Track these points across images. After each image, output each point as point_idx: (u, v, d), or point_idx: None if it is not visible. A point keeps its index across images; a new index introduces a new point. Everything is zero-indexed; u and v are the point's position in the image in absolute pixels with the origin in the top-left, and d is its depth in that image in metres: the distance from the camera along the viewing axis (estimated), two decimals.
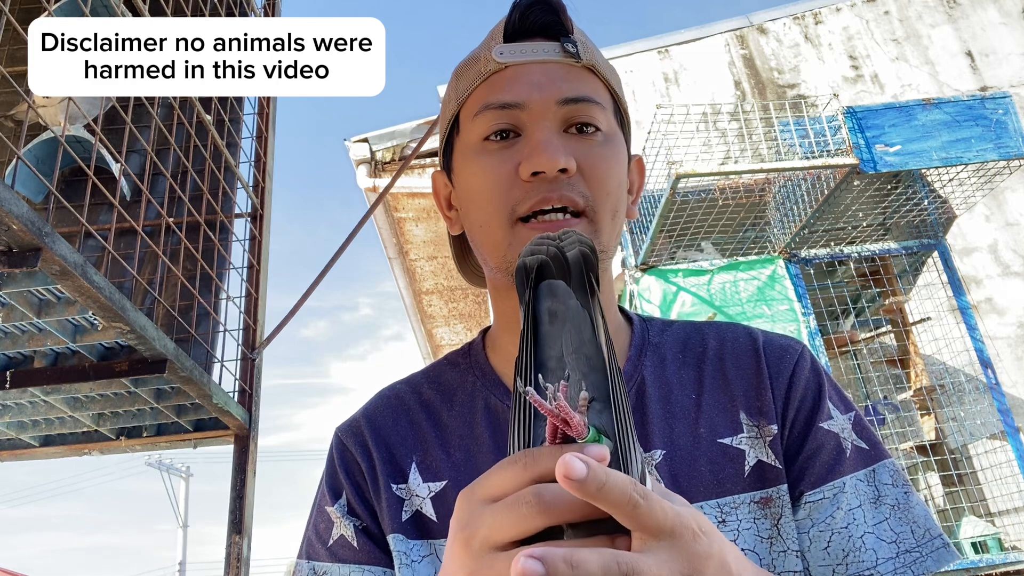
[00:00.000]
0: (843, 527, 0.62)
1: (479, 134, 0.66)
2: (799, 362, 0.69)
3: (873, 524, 0.63)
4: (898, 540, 0.62)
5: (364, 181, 4.47)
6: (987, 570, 3.09)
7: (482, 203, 0.65)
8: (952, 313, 3.60)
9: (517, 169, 0.63)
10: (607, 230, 0.65)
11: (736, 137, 3.66)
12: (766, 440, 0.65)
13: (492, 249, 0.66)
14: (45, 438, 3.02)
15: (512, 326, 0.70)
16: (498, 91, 0.65)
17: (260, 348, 2.90)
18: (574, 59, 0.66)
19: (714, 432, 0.65)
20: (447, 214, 0.74)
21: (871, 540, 0.62)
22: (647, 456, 0.63)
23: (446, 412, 0.70)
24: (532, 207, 0.62)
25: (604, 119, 0.66)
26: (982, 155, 3.15)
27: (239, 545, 2.61)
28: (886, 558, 0.61)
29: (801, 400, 0.67)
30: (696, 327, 0.74)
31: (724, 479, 0.63)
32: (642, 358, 0.70)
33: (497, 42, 0.68)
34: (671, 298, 3.44)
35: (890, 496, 0.64)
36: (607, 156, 0.65)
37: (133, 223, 2.12)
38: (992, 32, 4.78)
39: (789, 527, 0.63)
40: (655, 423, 0.65)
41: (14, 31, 1.54)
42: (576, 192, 0.63)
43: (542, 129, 0.63)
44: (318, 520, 0.71)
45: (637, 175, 0.75)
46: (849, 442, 0.65)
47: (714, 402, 0.66)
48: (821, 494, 0.63)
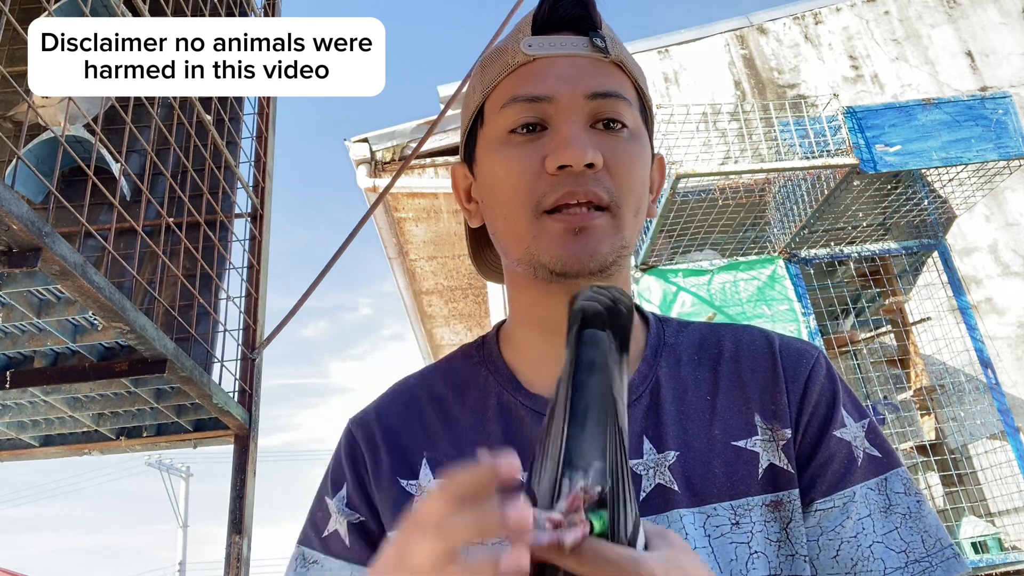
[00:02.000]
0: (852, 536, 0.62)
1: (505, 126, 0.65)
2: (815, 367, 0.68)
3: (883, 534, 0.62)
4: (908, 550, 0.62)
5: (364, 181, 4.47)
6: (987, 570, 3.09)
7: (507, 195, 0.65)
8: (952, 313, 3.60)
9: (543, 162, 0.63)
10: (630, 226, 0.65)
11: (736, 137, 3.66)
12: (779, 444, 0.64)
13: (516, 241, 0.65)
14: (45, 438, 3.02)
15: (528, 319, 0.70)
16: (526, 84, 0.65)
17: (260, 348, 2.90)
18: (603, 54, 0.66)
19: (728, 434, 0.65)
20: (466, 206, 0.74)
21: (880, 550, 0.62)
22: (661, 457, 0.63)
23: (458, 407, 0.70)
24: (558, 201, 0.62)
25: (630, 116, 0.66)
26: (982, 155, 3.15)
27: (239, 545, 2.61)
28: (895, 567, 0.61)
29: (815, 406, 0.66)
30: (712, 328, 0.73)
31: (737, 481, 0.63)
32: (658, 358, 0.69)
33: (525, 34, 0.67)
34: (671, 298, 3.44)
35: (901, 505, 0.64)
36: (632, 153, 0.65)
37: (133, 223, 2.12)
38: (992, 32, 4.78)
39: (799, 531, 0.63)
40: (669, 424, 0.65)
41: (14, 31, 1.54)
42: (601, 187, 0.62)
43: (570, 124, 0.63)
44: (316, 509, 0.71)
45: (658, 173, 0.75)
46: (861, 451, 0.65)
47: (729, 404, 0.66)
48: (831, 503, 0.63)
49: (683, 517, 0.61)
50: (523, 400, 0.68)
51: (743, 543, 0.61)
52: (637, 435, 0.65)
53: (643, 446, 0.64)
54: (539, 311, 0.69)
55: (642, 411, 0.66)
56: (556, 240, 0.62)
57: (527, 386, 0.69)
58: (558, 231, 0.62)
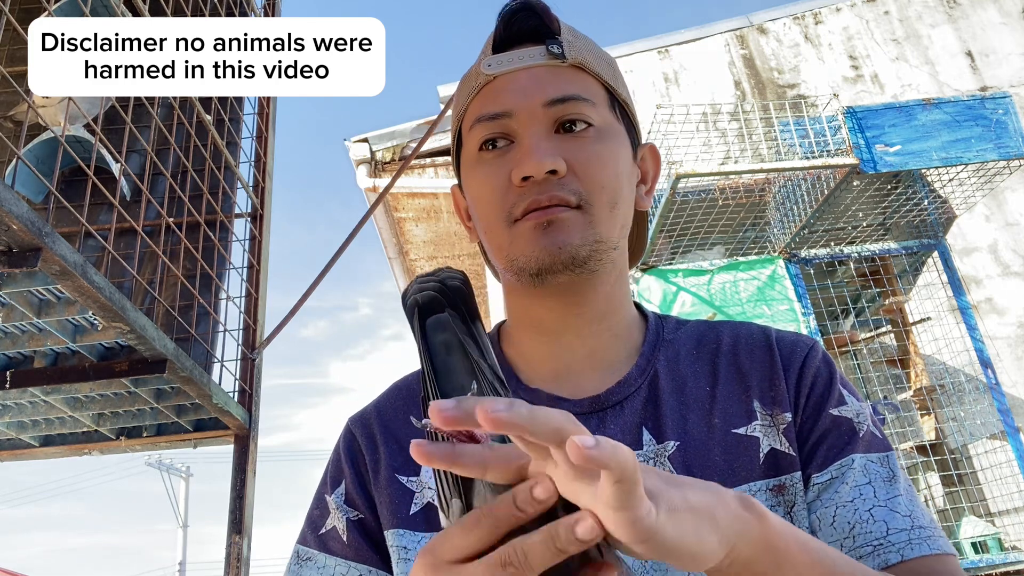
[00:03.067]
0: (848, 501, 0.62)
1: (475, 146, 0.68)
2: (810, 353, 0.70)
3: (886, 499, 0.62)
4: (912, 515, 0.61)
5: (364, 181, 4.47)
6: (987, 570, 3.09)
7: (484, 210, 0.68)
8: (952, 313, 3.60)
9: (510, 175, 0.65)
10: (604, 220, 0.65)
11: (736, 137, 3.66)
12: (780, 428, 0.65)
13: (498, 250, 0.68)
14: (45, 438, 3.02)
15: (522, 322, 0.73)
16: (488, 103, 0.68)
17: (260, 348, 2.90)
18: (559, 59, 0.67)
19: (728, 422, 0.65)
20: (467, 224, 0.77)
21: (881, 512, 0.61)
22: (660, 447, 0.64)
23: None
24: (525, 209, 0.64)
25: (596, 114, 0.67)
26: (982, 155, 3.15)
27: (239, 545, 2.61)
28: (899, 529, 0.60)
29: (812, 386, 0.67)
30: (710, 325, 0.75)
31: (739, 468, 0.63)
32: (656, 352, 0.71)
33: (487, 54, 0.70)
34: (671, 298, 3.44)
35: (905, 481, 0.64)
36: (600, 151, 0.66)
37: (133, 223, 2.12)
38: (992, 32, 4.78)
39: (802, 515, 0.63)
40: (668, 415, 0.66)
41: (14, 31, 1.54)
42: (567, 191, 0.64)
43: (531, 135, 0.65)
44: (315, 507, 0.72)
45: (652, 164, 0.76)
46: (865, 426, 0.66)
47: (728, 393, 0.67)
48: (829, 474, 0.63)
49: None
50: (521, 394, 0.69)
51: None
52: (636, 427, 0.66)
53: (643, 437, 0.65)
54: (531, 314, 0.71)
55: (640, 403, 0.67)
56: (528, 239, 0.64)
57: (526, 382, 0.71)
58: (528, 229, 0.64)
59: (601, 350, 0.70)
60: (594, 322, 0.69)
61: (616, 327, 0.71)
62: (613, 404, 0.67)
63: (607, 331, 0.70)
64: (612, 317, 0.70)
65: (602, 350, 0.70)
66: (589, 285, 0.67)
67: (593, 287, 0.68)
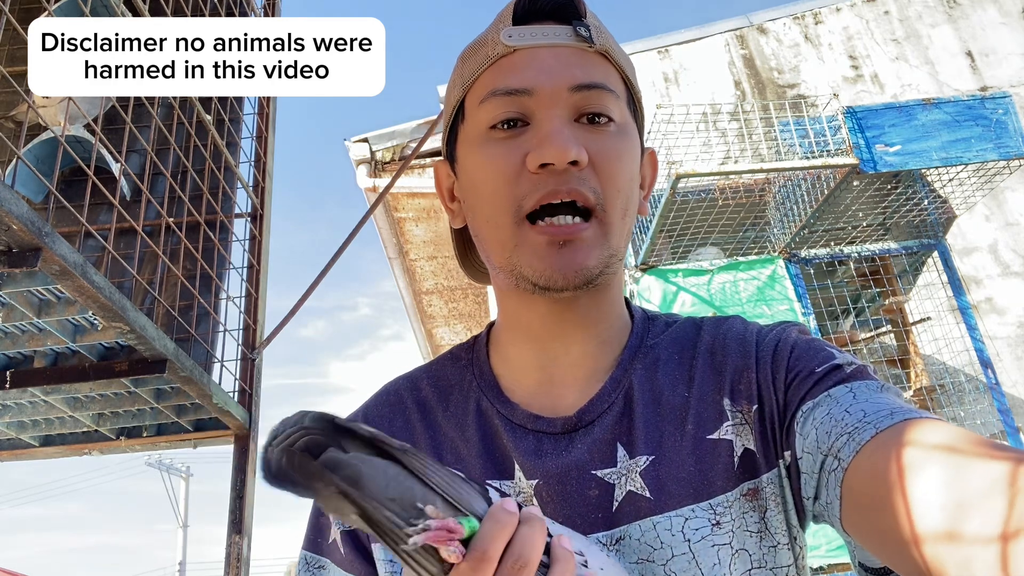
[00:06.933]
0: (825, 416, 0.55)
1: (485, 122, 0.62)
2: (786, 329, 0.65)
3: (866, 399, 0.54)
4: (900, 407, 0.53)
5: (364, 181, 4.47)
6: None
7: (487, 196, 0.61)
8: (952, 313, 3.60)
9: (524, 160, 0.59)
10: (617, 231, 0.61)
11: (736, 137, 3.66)
12: (750, 423, 0.61)
13: (498, 247, 0.62)
14: (45, 438, 3.02)
15: (512, 325, 0.68)
16: (506, 76, 0.61)
17: (260, 348, 2.90)
18: (587, 43, 0.62)
19: (701, 428, 0.62)
20: (449, 206, 0.71)
21: (860, 406, 0.53)
22: (632, 463, 0.61)
23: (441, 412, 0.68)
24: (539, 201, 0.59)
25: (617, 109, 0.62)
26: (982, 155, 3.15)
27: (239, 545, 2.61)
28: (878, 412, 0.52)
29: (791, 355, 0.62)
30: (696, 324, 0.70)
31: (714, 477, 0.60)
32: (633, 362, 0.67)
33: (506, 24, 0.63)
34: (671, 298, 3.45)
35: (896, 392, 0.58)
36: (620, 149, 0.62)
37: (133, 223, 2.12)
38: (992, 32, 4.78)
39: (777, 520, 0.60)
40: (641, 428, 0.62)
41: (14, 31, 1.54)
42: (586, 187, 0.59)
43: (552, 118, 0.59)
44: (319, 514, 0.70)
45: (650, 169, 0.71)
46: (852, 367, 0.59)
47: (701, 395, 0.63)
48: (815, 402, 0.57)
49: (657, 524, 0.58)
50: (500, 408, 0.66)
51: (725, 544, 0.58)
52: (610, 443, 0.62)
53: (616, 453, 0.61)
54: (522, 318, 0.67)
55: (614, 418, 0.63)
56: (539, 253, 0.59)
57: (507, 393, 0.67)
58: (541, 244, 0.59)
59: (585, 358, 0.66)
60: (583, 329, 0.66)
61: (604, 333, 0.67)
62: (586, 424, 0.63)
63: (594, 338, 0.66)
64: (602, 323, 0.67)
65: (587, 357, 0.66)
66: (589, 296, 0.64)
67: (593, 298, 0.65)
